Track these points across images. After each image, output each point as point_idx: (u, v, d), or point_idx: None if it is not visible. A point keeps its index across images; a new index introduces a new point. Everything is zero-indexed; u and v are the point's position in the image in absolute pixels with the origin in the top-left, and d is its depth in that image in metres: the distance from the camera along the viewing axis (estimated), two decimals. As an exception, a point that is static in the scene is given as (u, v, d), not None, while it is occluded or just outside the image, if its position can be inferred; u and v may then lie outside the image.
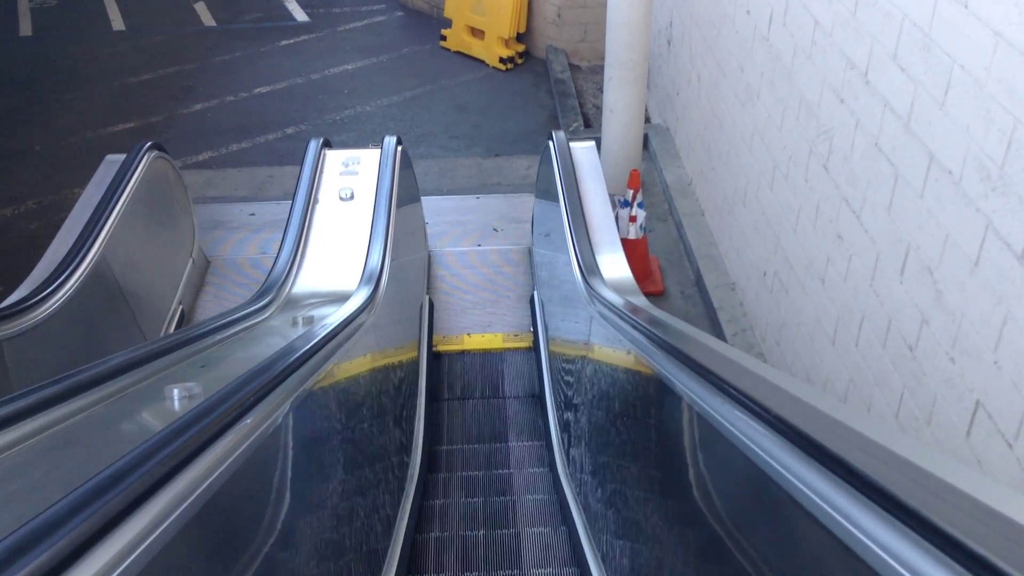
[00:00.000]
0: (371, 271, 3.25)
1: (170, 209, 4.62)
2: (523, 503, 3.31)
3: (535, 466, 3.66)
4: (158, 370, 2.03)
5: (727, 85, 4.61)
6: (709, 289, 4.62)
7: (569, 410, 3.46)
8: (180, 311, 4.44)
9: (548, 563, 2.88)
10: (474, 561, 2.88)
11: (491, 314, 4.64)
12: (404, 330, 3.98)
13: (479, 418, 3.94)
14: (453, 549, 2.92)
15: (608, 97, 5.40)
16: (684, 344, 1.88)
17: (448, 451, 3.71)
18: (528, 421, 3.88)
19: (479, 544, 2.94)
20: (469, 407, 4.00)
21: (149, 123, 6.98)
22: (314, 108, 7.22)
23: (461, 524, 3.14)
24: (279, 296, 3.14)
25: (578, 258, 3.37)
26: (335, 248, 3.68)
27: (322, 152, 4.35)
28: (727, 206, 4.68)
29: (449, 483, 3.50)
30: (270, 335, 2.78)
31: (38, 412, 1.44)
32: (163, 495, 1.04)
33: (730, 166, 4.60)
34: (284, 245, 3.53)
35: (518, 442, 3.73)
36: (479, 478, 3.49)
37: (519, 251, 5.15)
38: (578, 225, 3.63)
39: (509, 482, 3.51)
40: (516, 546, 2.94)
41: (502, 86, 7.56)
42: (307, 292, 3.28)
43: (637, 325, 2.27)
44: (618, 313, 2.57)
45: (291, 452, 1.81)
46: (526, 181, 6.07)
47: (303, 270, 3.46)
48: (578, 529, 2.87)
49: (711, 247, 4.93)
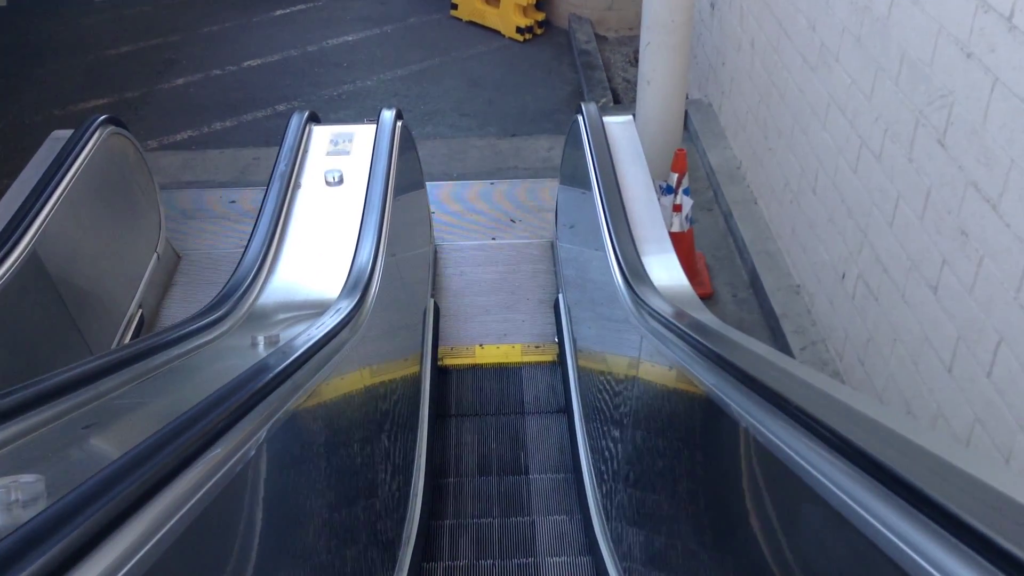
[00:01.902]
0: (358, 275, 2.61)
1: (129, 196, 3.99)
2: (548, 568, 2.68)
3: (561, 511, 3.02)
4: (23, 432, 1.40)
5: (791, 48, 3.92)
6: (768, 292, 3.95)
7: (608, 451, 2.81)
8: (139, 316, 3.81)
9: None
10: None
11: (507, 321, 4.00)
12: (402, 342, 3.34)
13: (492, 445, 3.30)
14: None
15: (644, 66, 4.71)
16: (798, 395, 1.26)
17: (456, 485, 3.08)
18: (553, 458, 3.23)
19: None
20: (479, 430, 3.36)
21: (124, 99, 6.35)
22: (309, 82, 6.58)
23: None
24: (239, 307, 2.49)
25: (618, 259, 2.72)
26: (317, 244, 3.04)
27: (307, 128, 3.71)
28: (790, 193, 4.00)
29: (457, 535, 2.87)
30: (217, 362, 2.15)
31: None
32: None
33: (794, 145, 3.92)
34: (252, 241, 2.89)
35: (540, 474, 3.10)
36: (492, 531, 2.86)
37: (540, 246, 4.49)
38: (617, 218, 2.97)
39: (531, 534, 2.88)
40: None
41: (519, 58, 6.89)
42: (278, 302, 2.63)
43: (720, 361, 1.62)
44: (685, 338, 1.92)
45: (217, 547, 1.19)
46: (547, 164, 5.42)
47: (275, 274, 2.81)
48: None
49: (768, 242, 4.25)
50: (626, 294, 2.53)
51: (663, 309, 2.09)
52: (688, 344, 1.80)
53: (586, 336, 3.45)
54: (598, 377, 3.08)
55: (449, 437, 3.37)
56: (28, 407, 1.38)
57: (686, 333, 1.85)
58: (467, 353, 3.82)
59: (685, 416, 1.94)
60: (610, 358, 2.92)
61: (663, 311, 2.07)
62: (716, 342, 1.70)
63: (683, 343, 1.86)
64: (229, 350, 2.23)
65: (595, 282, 3.36)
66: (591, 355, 3.34)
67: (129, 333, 3.70)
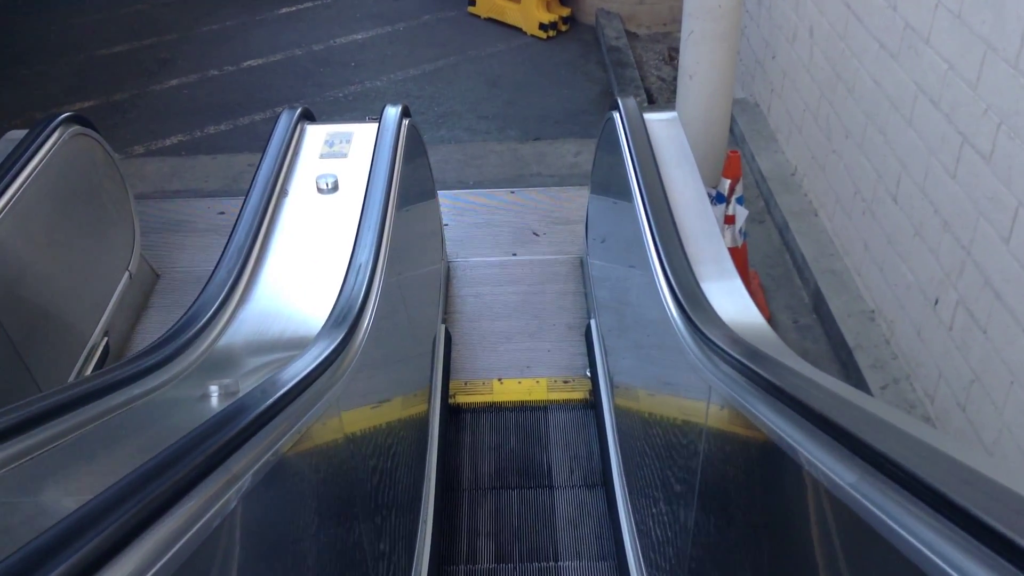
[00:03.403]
0: (347, 305, 2.12)
1: (97, 206, 3.54)
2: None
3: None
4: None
5: (863, 34, 3.41)
6: (836, 318, 3.42)
7: (660, 515, 2.30)
8: (104, 344, 3.35)
9: None
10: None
11: (531, 351, 3.50)
12: (405, 380, 2.86)
13: (515, 515, 2.79)
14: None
15: (686, 58, 4.21)
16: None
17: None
18: (591, 530, 2.71)
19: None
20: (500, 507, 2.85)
21: (112, 101, 5.94)
22: (313, 83, 6.14)
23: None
24: (194, 346, 2.00)
25: (671, 284, 2.22)
26: (303, 265, 2.56)
27: (299, 127, 3.25)
28: (861, 202, 3.48)
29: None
30: (151, 423, 1.66)
31: None
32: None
33: (868, 146, 3.40)
34: (221, 262, 2.41)
35: (575, 561, 2.58)
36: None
37: (568, 263, 4.00)
38: (666, 233, 2.48)
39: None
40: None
41: (543, 57, 6.42)
42: (249, 338, 2.15)
43: (858, 448, 1.11)
44: (780, 395, 1.42)
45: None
46: (575, 171, 4.93)
47: (249, 302, 2.33)
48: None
49: (833, 259, 3.73)
50: (685, 330, 2.02)
51: (745, 356, 1.59)
52: (802, 415, 1.29)
53: (625, 372, 2.94)
54: (644, 429, 2.57)
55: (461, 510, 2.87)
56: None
57: (793, 397, 1.34)
58: (484, 389, 3.32)
59: (785, 508, 1.43)
60: (660, 407, 2.41)
61: (746, 360, 1.57)
62: (847, 417, 1.19)
63: (787, 409, 1.35)
64: (172, 404, 1.75)
65: (637, 307, 2.86)
66: (632, 396, 2.83)
67: (91, 365, 3.24)
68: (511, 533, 2.69)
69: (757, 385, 1.52)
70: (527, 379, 3.36)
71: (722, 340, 1.72)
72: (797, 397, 1.35)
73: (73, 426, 1.48)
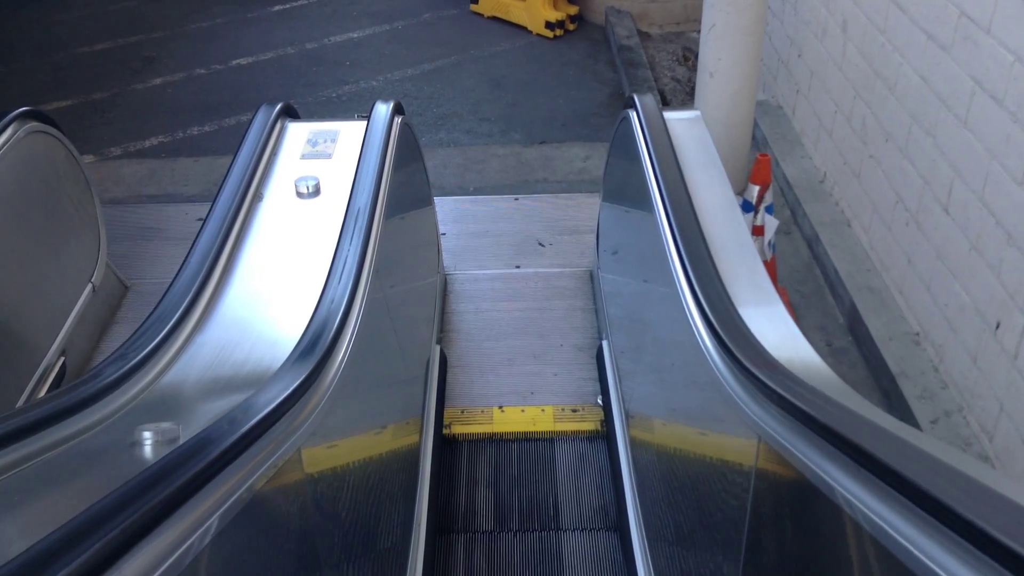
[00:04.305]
0: (319, 331, 1.81)
1: (56, 211, 3.23)
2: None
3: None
4: None
5: (907, 25, 3.11)
6: (877, 341, 3.10)
7: (688, 569, 2.00)
8: (61, 364, 3.04)
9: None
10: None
11: (536, 375, 3.18)
12: (394, 407, 2.55)
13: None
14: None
15: (707, 54, 3.91)
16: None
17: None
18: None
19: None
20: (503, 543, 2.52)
21: (91, 100, 5.65)
22: (305, 83, 5.85)
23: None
24: (139, 377, 1.68)
25: (701, 308, 1.92)
26: (276, 280, 2.24)
27: (279, 124, 2.94)
28: (904, 212, 3.17)
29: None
30: (72, 476, 1.35)
31: None
32: None
33: (913, 150, 3.09)
34: (179, 277, 2.10)
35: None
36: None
37: (577, 276, 3.69)
38: (694, 247, 2.18)
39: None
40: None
41: (549, 56, 6.12)
42: (202, 370, 1.83)
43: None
44: (864, 461, 1.11)
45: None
46: (583, 176, 4.63)
47: (209, 326, 2.01)
48: None
49: (871, 275, 3.41)
50: (722, 364, 1.71)
51: (807, 405, 1.27)
52: (900, 492, 0.98)
53: (644, 400, 2.63)
54: (668, 468, 2.25)
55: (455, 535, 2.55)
56: None
57: (885, 466, 1.03)
58: (483, 418, 3.00)
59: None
60: (689, 445, 2.09)
61: (808, 409, 1.25)
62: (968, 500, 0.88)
63: (876, 481, 1.04)
64: (94, 454, 1.44)
65: (657, 328, 2.55)
66: (652, 429, 2.51)
67: (44, 387, 2.92)
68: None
69: (832, 444, 1.20)
70: (531, 407, 3.04)
71: (781, 386, 1.40)
72: (891, 467, 1.03)
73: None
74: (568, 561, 2.46)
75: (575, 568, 2.42)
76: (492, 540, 2.52)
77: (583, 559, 2.46)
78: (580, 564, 2.45)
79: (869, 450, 1.13)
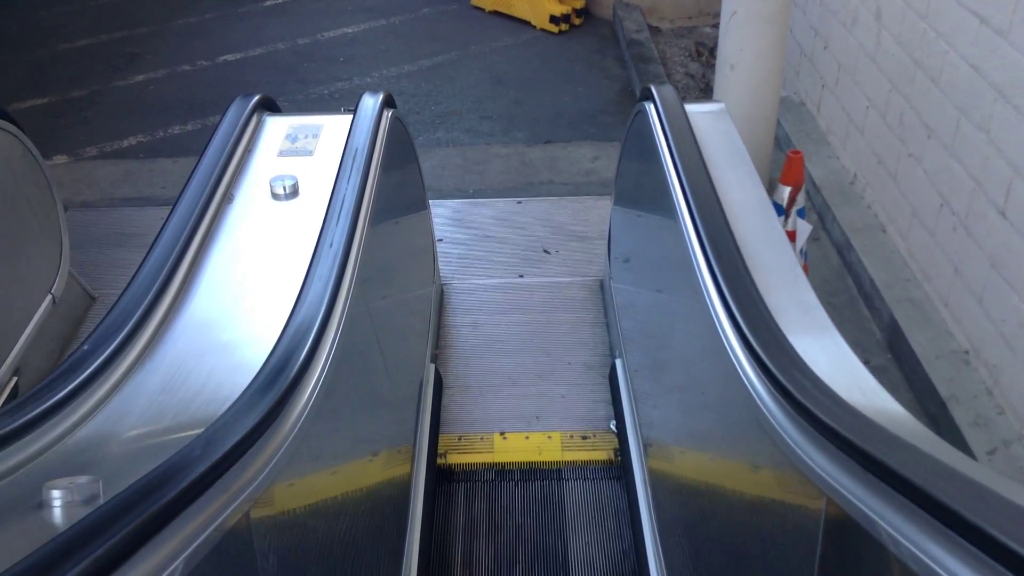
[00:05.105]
0: (284, 358, 1.53)
1: (12, 215, 2.95)
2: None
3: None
4: None
5: (954, 8, 2.82)
6: (921, 360, 2.81)
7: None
8: (14, 384, 2.76)
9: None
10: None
11: (541, 396, 2.89)
12: (380, 436, 2.28)
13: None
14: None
15: (727, 45, 3.63)
16: None
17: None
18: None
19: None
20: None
21: (68, 98, 5.37)
22: (296, 79, 5.58)
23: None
24: (58, 420, 1.40)
25: (741, 333, 1.65)
26: (243, 295, 1.96)
27: (256, 117, 2.66)
28: (951, 216, 2.88)
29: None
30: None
31: None
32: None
33: (962, 147, 2.81)
34: (124, 295, 1.81)
35: None
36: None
37: (586, 287, 3.41)
38: (726, 259, 1.91)
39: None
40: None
41: (554, 52, 5.85)
42: (144, 407, 1.54)
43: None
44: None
45: None
46: (591, 178, 4.35)
47: (158, 352, 1.72)
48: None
49: (911, 286, 3.12)
50: (772, 405, 1.43)
51: (906, 470, 0.98)
52: None
53: (665, 427, 2.34)
54: (698, 510, 1.96)
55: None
56: None
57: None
58: (482, 446, 2.71)
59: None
60: (728, 498, 1.80)
61: (912, 477, 0.97)
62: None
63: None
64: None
65: (681, 346, 2.27)
66: (677, 461, 2.23)
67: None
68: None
69: (937, 517, 0.92)
70: (536, 433, 2.75)
71: (863, 439, 1.11)
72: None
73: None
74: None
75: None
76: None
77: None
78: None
79: (995, 536, 0.84)
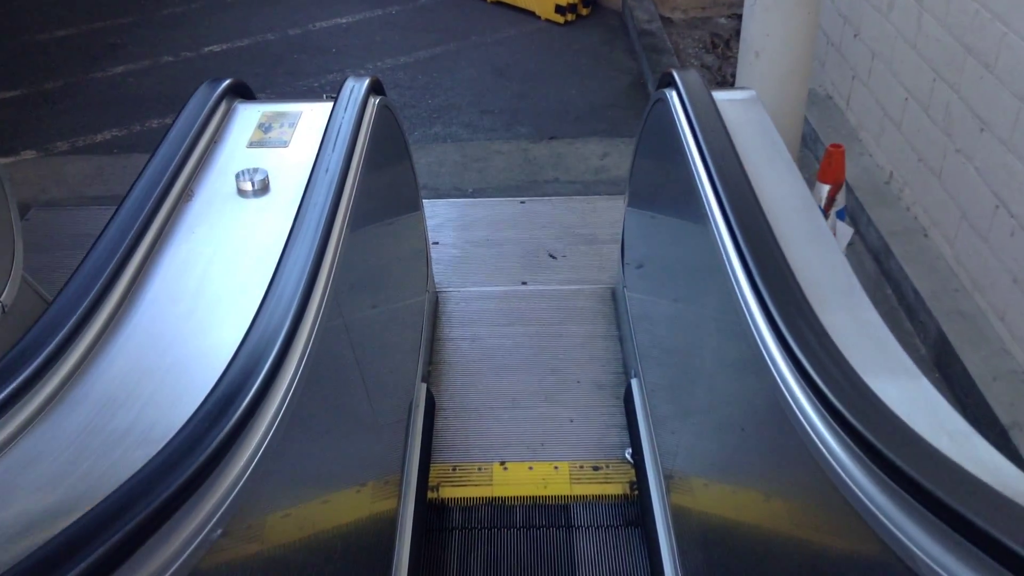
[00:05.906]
0: (238, 383, 1.26)
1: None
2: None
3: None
4: None
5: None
6: (976, 380, 2.52)
7: None
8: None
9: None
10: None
11: (547, 420, 2.60)
12: (358, 472, 2.00)
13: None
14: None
15: (751, 30, 3.34)
16: None
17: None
18: None
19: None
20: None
21: (41, 90, 5.09)
22: (285, 71, 5.30)
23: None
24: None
25: (796, 361, 1.37)
26: (196, 307, 1.66)
27: (225, 104, 2.38)
28: (1010, 219, 2.58)
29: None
30: None
31: None
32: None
33: (1020, 141, 2.51)
34: (50, 310, 1.52)
35: None
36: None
37: (596, 295, 3.12)
38: (770, 269, 1.62)
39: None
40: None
41: (560, 43, 5.56)
42: (66, 443, 1.26)
43: None
44: None
45: None
46: (601, 176, 4.07)
47: (91, 374, 1.43)
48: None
49: (960, 297, 2.82)
50: (838, 450, 1.17)
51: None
52: None
53: (693, 461, 2.05)
54: (735, 561, 1.67)
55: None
56: None
57: None
58: (480, 477, 2.42)
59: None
60: (775, 555, 1.50)
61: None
62: None
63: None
64: None
65: (710, 368, 1.97)
66: (710, 507, 1.93)
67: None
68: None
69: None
70: (541, 463, 2.46)
71: (973, 512, 0.83)
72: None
73: None
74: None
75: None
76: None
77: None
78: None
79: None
